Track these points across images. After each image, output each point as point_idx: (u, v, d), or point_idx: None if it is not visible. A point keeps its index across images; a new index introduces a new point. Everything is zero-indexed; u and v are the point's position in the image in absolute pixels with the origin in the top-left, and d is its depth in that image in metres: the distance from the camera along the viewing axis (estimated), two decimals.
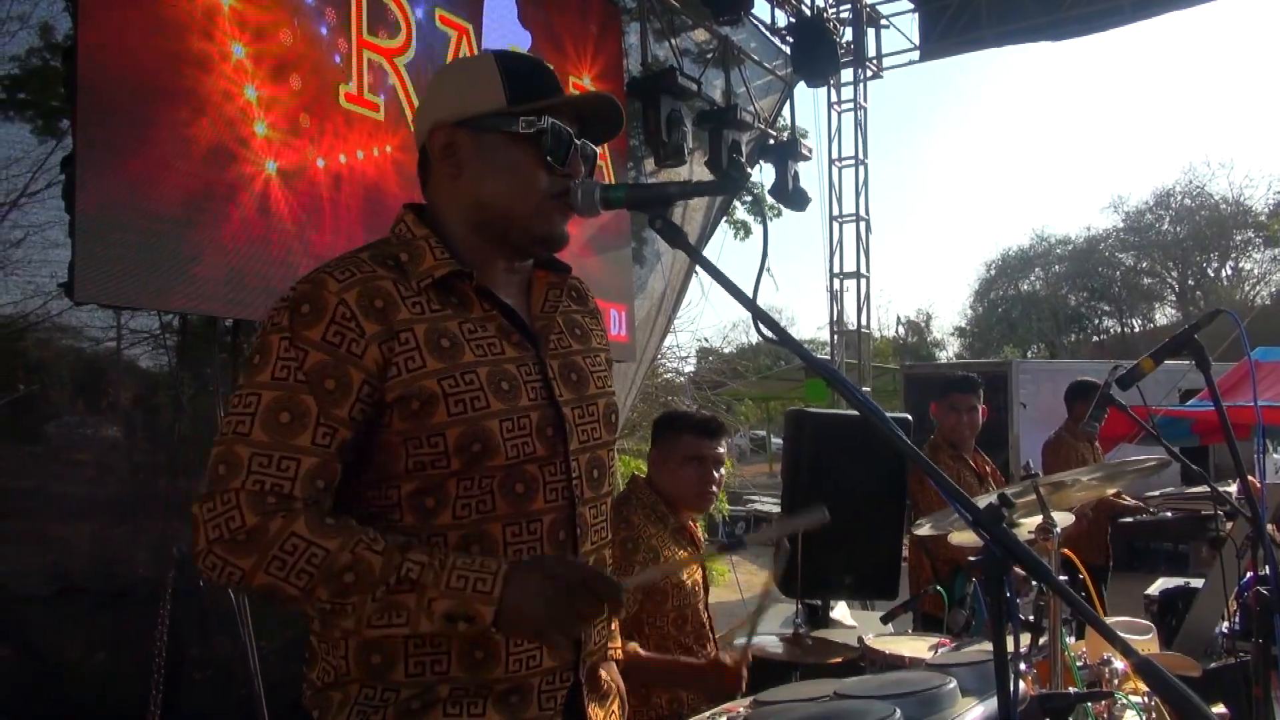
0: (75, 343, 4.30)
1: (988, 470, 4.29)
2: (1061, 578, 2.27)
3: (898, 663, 2.33)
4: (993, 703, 1.56)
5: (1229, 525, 3.06)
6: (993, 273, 35.57)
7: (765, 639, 2.81)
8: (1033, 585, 2.27)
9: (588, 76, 5.47)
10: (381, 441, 1.33)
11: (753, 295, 1.25)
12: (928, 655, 2.27)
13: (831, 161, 8.89)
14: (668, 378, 12.93)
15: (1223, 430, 2.23)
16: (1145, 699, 1.99)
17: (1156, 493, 5.81)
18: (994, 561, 1.06)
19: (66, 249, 3.15)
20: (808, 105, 9.32)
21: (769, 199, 7.90)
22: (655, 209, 1.34)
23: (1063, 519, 2.21)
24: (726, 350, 24.58)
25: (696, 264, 1.38)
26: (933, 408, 4.27)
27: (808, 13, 7.70)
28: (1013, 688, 1.08)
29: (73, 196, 3.11)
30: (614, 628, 1.65)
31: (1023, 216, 69.30)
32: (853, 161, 8.88)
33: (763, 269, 1.31)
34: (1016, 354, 27.80)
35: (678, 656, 2.55)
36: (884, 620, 3.07)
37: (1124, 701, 2.00)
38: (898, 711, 1.45)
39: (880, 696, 1.51)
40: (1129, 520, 5.46)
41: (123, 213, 3.20)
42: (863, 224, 8.92)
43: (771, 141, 7.71)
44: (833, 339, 9.17)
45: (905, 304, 59.07)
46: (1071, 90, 64.67)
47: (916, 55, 8.81)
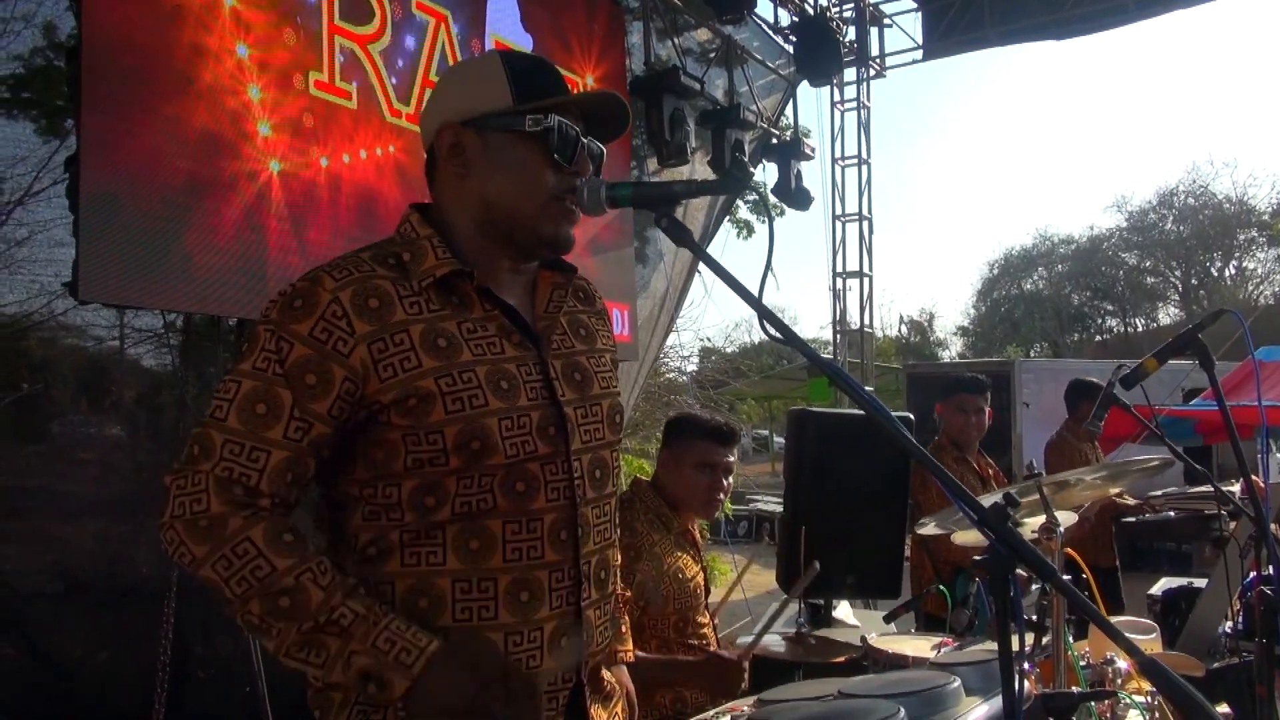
0: (79, 342, 4.30)
1: (990, 473, 4.29)
2: (1065, 578, 2.27)
3: (901, 662, 2.33)
4: (997, 702, 1.56)
5: (1232, 525, 3.05)
6: (996, 272, 35.58)
7: (768, 638, 2.81)
8: (1034, 584, 2.27)
9: (591, 76, 5.46)
10: (382, 438, 1.33)
11: (758, 294, 1.25)
12: (931, 655, 2.27)
13: (834, 161, 8.89)
14: (670, 377, 12.93)
15: (1226, 430, 2.23)
16: (1149, 698, 1.98)
17: (1159, 492, 5.79)
18: (999, 560, 1.06)
19: (70, 248, 3.15)
20: (811, 104, 9.38)
21: (772, 198, 7.89)
22: (661, 208, 1.34)
23: (1066, 519, 2.20)
24: (729, 350, 24.62)
25: (702, 263, 1.37)
26: (938, 408, 4.25)
27: (811, 12, 7.70)
28: (1017, 687, 1.08)
29: (76, 196, 3.11)
30: (624, 630, 1.65)
31: (1026, 216, 69.39)
32: (855, 161, 8.88)
33: (768, 268, 1.31)
34: (1019, 353, 27.78)
35: (676, 655, 2.55)
36: (887, 620, 3.07)
37: (1127, 701, 2.00)
38: (902, 710, 1.45)
39: (885, 695, 1.51)
40: (1132, 520, 5.45)
41: (126, 212, 3.20)
42: (865, 223, 8.91)
43: (774, 141, 7.71)
44: (835, 338, 9.17)
45: (908, 303, 59.08)
46: (1074, 89, 64.67)
47: (919, 54, 8.81)
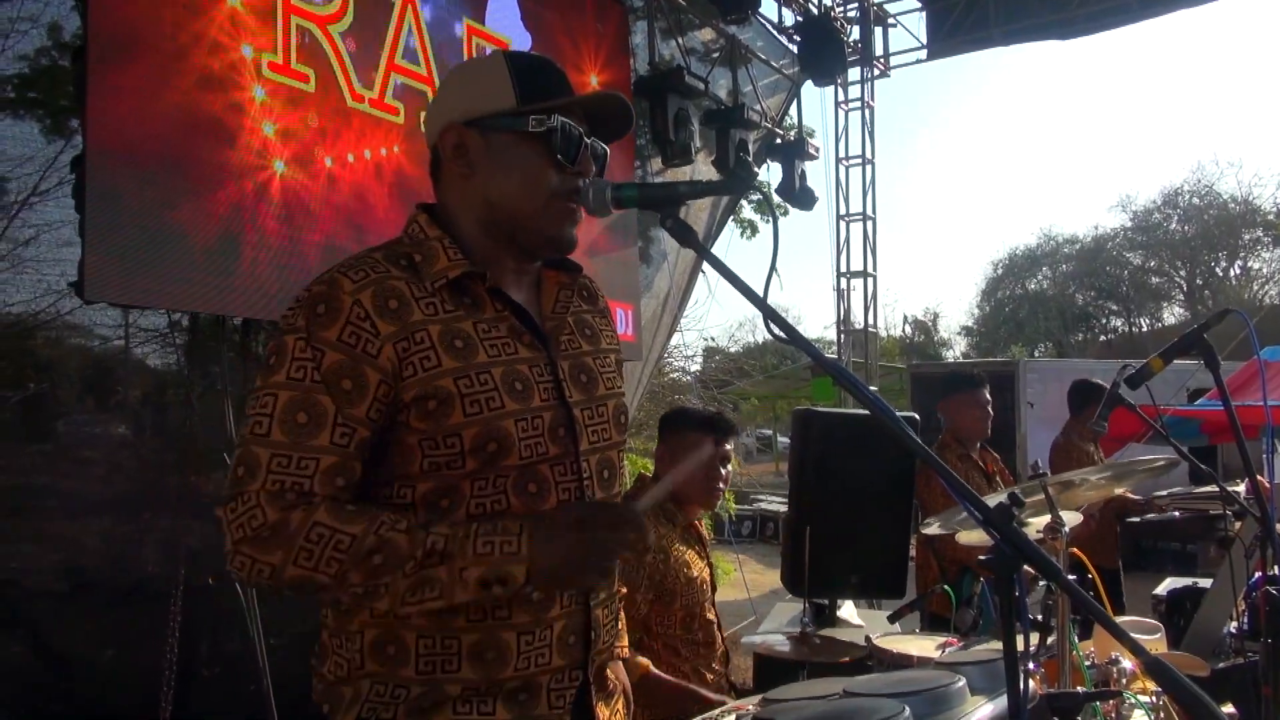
0: (85, 341, 4.32)
1: (995, 469, 4.29)
2: (1070, 578, 2.27)
3: (905, 662, 2.33)
4: (1002, 701, 1.56)
5: (1237, 525, 3.05)
6: (1000, 272, 35.50)
7: (773, 638, 2.81)
8: (1040, 584, 2.27)
9: (594, 75, 5.47)
10: (398, 441, 1.34)
11: (763, 294, 1.25)
12: (935, 654, 2.27)
13: (838, 160, 8.88)
14: (674, 377, 12.93)
15: (1231, 430, 2.23)
16: (1154, 698, 1.98)
17: (1165, 492, 5.78)
18: (1004, 560, 1.06)
19: (77, 248, 3.16)
20: (815, 104, 9.40)
21: (776, 198, 7.89)
22: (665, 208, 1.34)
23: (1071, 519, 2.20)
24: (733, 349, 24.60)
25: (706, 263, 1.37)
26: (948, 406, 4.24)
27: (815, 12, 7.70)
28: (1022, 686, 1.08)
29: (82, 196, 3.12)
30: (621, 626, 1.65)
31: (1030, 216, 69.16)
32: (859, 160, 8.87)
33: (773, 268, 1.31)
34: (1024, 353, 27.73)
35: (693, 685, 2.54)
36: (891, 620, 3.07)
37: (1132, 701, 2.00)
38: (907, 709, 1.45)
39: (890, 694, 1.51)
40: (1137, 520, 5.44)
41: (132, 212, 3.21)
42: (869, 223, 8.91)
43: (778, 140, 7.71)
44: (839, 338, 9.17)
45: (912, 303, 58.75)
46: (1079, 89, 64.51)
47: (924, 54, 8.80)
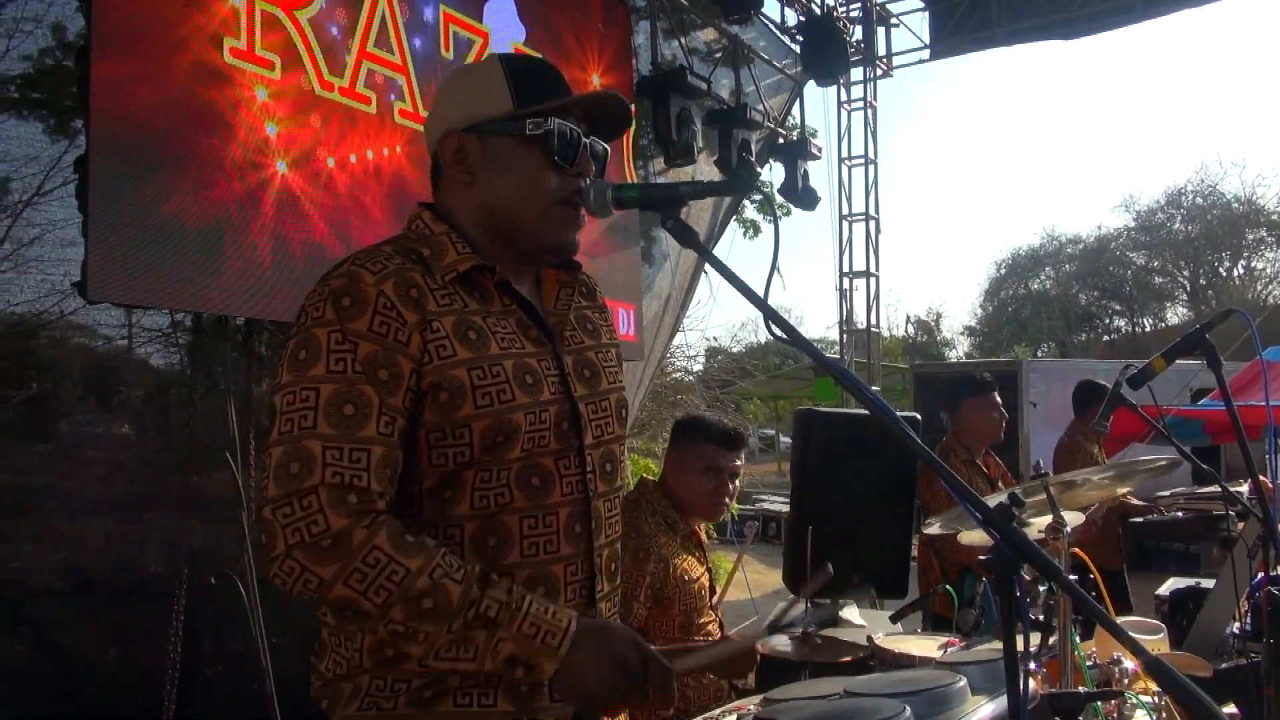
0: (88, 341, 4.33)
1: (997, 474, 4.28)
2: (1072, 578, 2.27)
3: (907, 662, 2.33)
4: (1003, 701, 1.55)
5: (1240, 525, 3.04)
6: (1003, 272, 35.48)
7: (775, 638, 2.80)
8: (1041, 584, 2.27)
9: (597, 76, 5.47)
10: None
11: (763, 294, 1.25)
12: (937, 655, 2.27)
13: (841, 160, 8.89)
14: (677, 377, 12.92)
15: (1234, 430, 2.23)
16: (1155, 699, 1.98)
17: (1167, 492, 5.78)
18: (1004, 560, 1.06)
19: (80, 248, 3.17)
20: (817, 104, 9.42)
21: (778, 198, 7.89)
22: (667, 209, 1.34)
23: (1073, 519, 2.20)
24: (736, 349, 24.60)
25: (707, 263, 1.37)
26: (960, 409, 4.22)
27: (818, 12, 7.70)
28: (1023, 686, 1.08)
29: (86, 196, 3.13)
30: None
31: (1033, 215, 69.11)
32: (862, 160, 8.88)
33: (774, 268, 1.32)
34: (1027, 353, 27.70)
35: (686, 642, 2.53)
36: (893, 620, 3.06)
37: (1134, 701, 2.00)
38: (908, 709, 1.45)
39: (890, 694, 1.51)
40: (1139, 520, 5.43)
41: (135, 212, 3.22)
42: (872, 223, 8.91)
43: (781, 140, 7.71)
44: (842, 338, 9.17)
45: (915, 303, 58.92)
46: (1082, 89, 64.49)
47: (927, 54, 8.81)
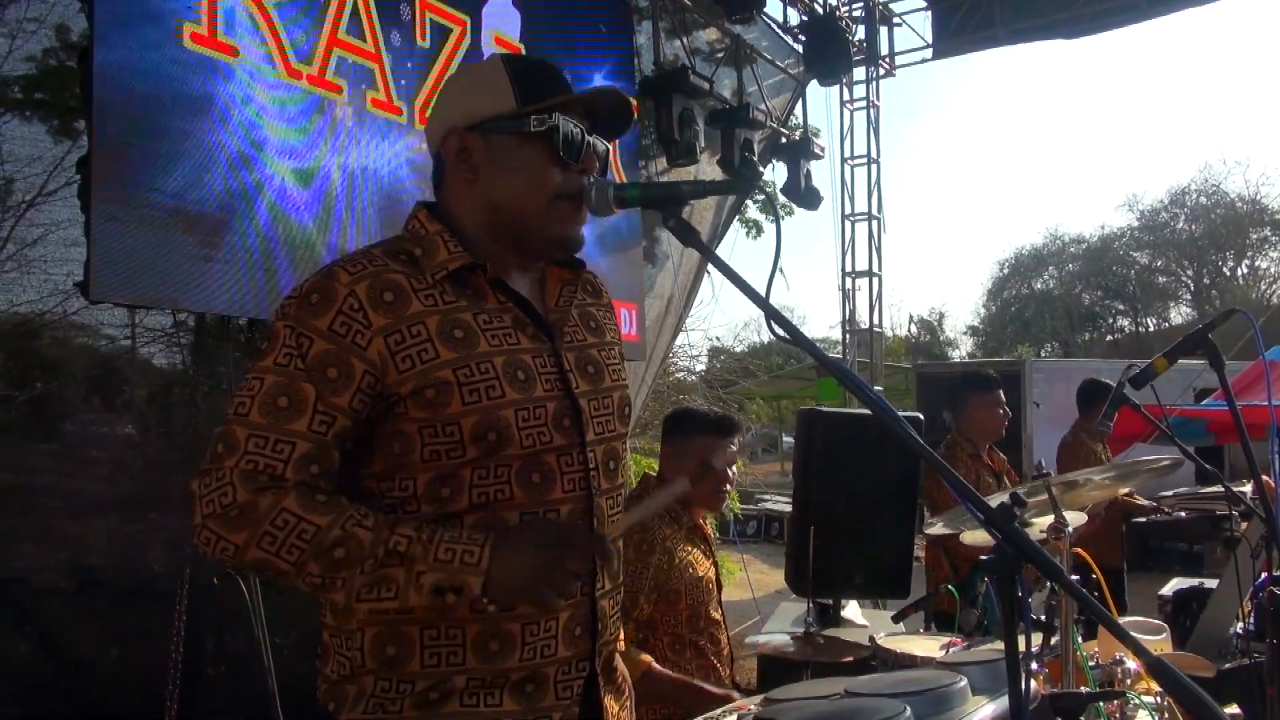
0: (91, 341, 4.34)
1: (1002, 469, 4.29)
2: (1074, 577, 2.27)
3: (909, 662, 2.33)
4: (1003, 701, 1.56)
5: (1244, 525, 3.04)
6: (1006, 271, 35.43)
7: (777, 638, 2.81)
8: (1045, 584, 2.27)
9: (599, 76, 5.47)
10: (399, 430, 1.35)
11: (765, 294, 1.25)
12: (939, 655, 2.27)
13: (844, 160, 8.87)
14: (679, 376, 12.92)
15: (1236, 430, 2.22)
16: (1158, 699, 1.98)
17: (1170, 492, 5.78)
18: (1005, 560, 1.06)
19: (83, 248, 3.17)
20: (820, 103, 9.38)
21: (781, 198, 7.89)
22: (668, 208, 1.35)
23: (1075, 518, 2.20)
24: (738, 349, 24.60)
25: (709, 263, 1.37)
26: (965, 406, 4.24)
27: (820, 11, 7.69)
28: (1024, 686, 1.08)
29: (88, 196, 3.13)
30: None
31: (1036, 215, 68.88)
32: (865, 160, 8.86)
33: (775, 268, 1.32)
34: (1030, 353, 27.68)
35: (694, 680, 2.53)
36: (895, 619, 3.06)
37: (1136, 701, 2.00)
38: (908, 709, 1.45)
39: (891, 694, 1.51)
40: (1143, 520, 5.43)
41: (137, 212, 3.22)
42: (875, 222, 8.89)
43: (784, 140, 7.70)
44: (845, 338, 9.15)
45: (918, 303, 58.86)
46: (1085, 88, 64.30)
47: (929, 53, 8.78)
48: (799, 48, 7.76)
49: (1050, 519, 2.13)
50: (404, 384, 1.33)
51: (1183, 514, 5.77)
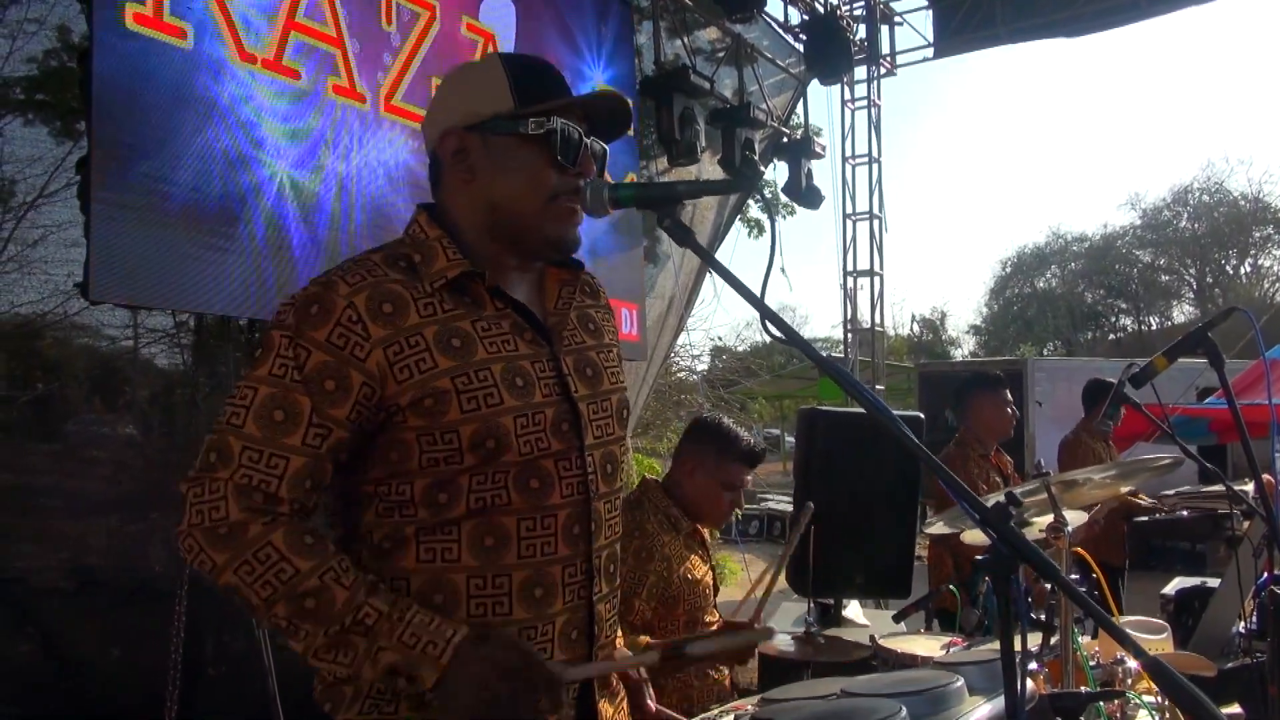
0: (92, 342, 4.34)
1: (1008, 471, 4.29)
2: (1073, 577, 2.26)
3: (909, 662, 2.33)
4: (1000, 701, 1.55)
5: (1246, 524, 3.03)
6: (1008, 270, 35.41)
7: (778, 638, 2.80)
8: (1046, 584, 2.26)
9: (599, 75, 5.47)
10: (397, 439, 1.34)
11: (761, 294, 1.25)
12: (939, 654, 2.27)
13: (845, 159, 8.86)
14: (681, 376, 12.92)
15: (1237, 429, 2.22)
16: (1158, 699, 1.97)
17: (1173, 491, 5.76)
18: (1001, 559, 1.06)
19: (83, 249, 3.17)
20: (821, 103, 9.38)
21: (783, 197, 7.88)
22: (664, 208, 1.34)
23: (1075, 518, 2.20)
24: (740, 349, 24.60)
25: (705, 263, 1.37)
26: (971, 405, 4.23)
27: (821, 10, 7.68)
28: (1020, 686, 1.08)
29: (88, 197, 3.14)
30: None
31: (1039, 214, 68.94)
32: (866, 159, 8.85)
33: (770, 267, 1.31)
34: (1032, 352, 27.64)
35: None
36: (896, 619, 3.06)
37: (1137, 701, 1.99)
38: (904, 709, 1.45)
39: (887, 695, 1.51)
40: (1145, 519, 5.42)
41: (137, 213, 3.22)
42: (876, 222, 8.88)
43: (785, 139, 7.69)
44: (847, 337, 9.14)
45: (920, 302, 58.78)
46: (1088, 87, 64.21)
47: (930, 52, 8.78)
48: (800, 47, 7.75)
49: (1050, 518, 2.12)
50: (403, 394, 1.32)
51: (1184, 513, 5.75)
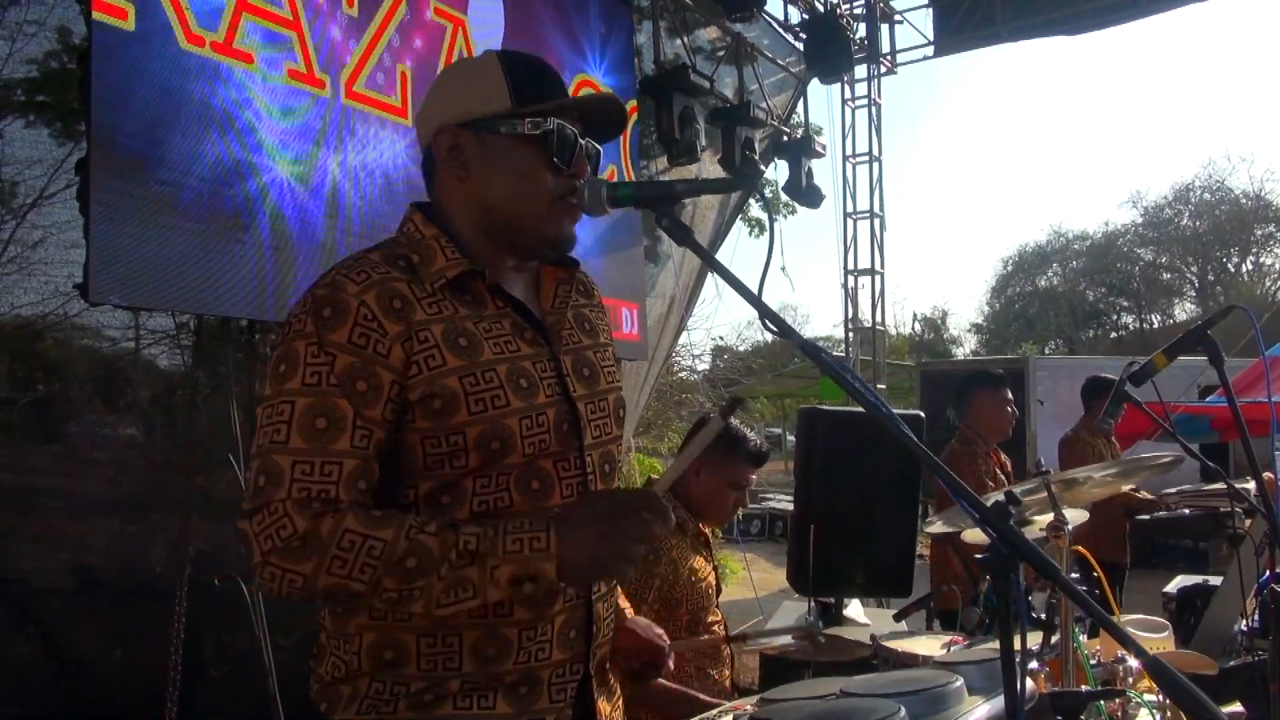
0: (93, 343, 4.35)
1: (1009, 469, 4.29)
2: (1074, 576, 2.26)
3: (910, 661, 2.32)
4: (999, 701, 1.55)
5: (1248, 523, 3.03)
6: (1010, 269, 35.37)
7: (779, 638, 2.80)
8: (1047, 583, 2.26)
9: (599, 74, 5.46)
10: (401, 440, 1.34)
11: (759, 292, 1.24)
12: (940, 654, 2.26)
13: (845, 158, 8.87)
14: (682, 375, 12.92)
15: (1237, 427, 2.21)
16: (1159, 697, 1.97)
17: (1174, 489, 5.76)
18: (1000, 559, 1.06)
19: (84, 250, 3.17)
20: (821, 102, 9.40)
21: (783, 196, 7.87)
22: (662, 207, 1.34)
23: (1076, 516, 2.19)
24: (741, 348, 24.61)
25: (703, 262, 1.37)
26: (972, 403, 4.23)
27: (821, 9, 7.68)
28: (1020, 686, 1.07)
29: (87, 198, 3.13)
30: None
31: (1040, 212, 68.94)
32: (866, 158, 8.85)
33: (768, 266, 1.31)
34: (1034, 350, 27.62)
35: (692, 691, 2.53)
36: (897, 618, 3.06)
37: (1137, 700, 1.99)
38: (902, 709, 1.44)
39: (886, 694, 1.50)
40: (1147, 517, 5.42)
41: (136, 214, 3.22)
42: (877, 220, 8.88)
43: (785, 138, 7.69)
44: (848, 336, 9.14)
45: (921, 301, 58.90)
46: (1088, 85, 64.17)
47: (931, 51, 8.78)
48: (800, 46, 7.75)
49: (1050, 517, 2.12)
50: (413, 390, 1.32)
51: (1186, 511, 5.75)
